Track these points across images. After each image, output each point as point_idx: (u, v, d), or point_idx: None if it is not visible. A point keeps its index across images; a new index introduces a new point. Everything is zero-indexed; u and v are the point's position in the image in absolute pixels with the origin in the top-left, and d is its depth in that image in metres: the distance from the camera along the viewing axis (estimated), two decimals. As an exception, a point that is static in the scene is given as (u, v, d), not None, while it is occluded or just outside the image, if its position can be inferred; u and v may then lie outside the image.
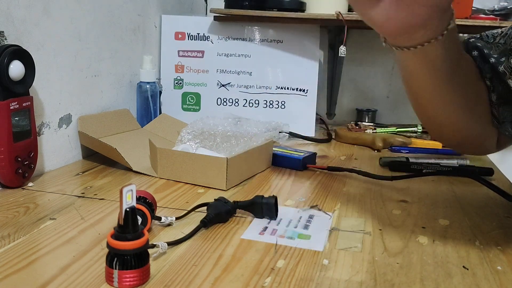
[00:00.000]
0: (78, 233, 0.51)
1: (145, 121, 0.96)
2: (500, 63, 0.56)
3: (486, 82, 0.59)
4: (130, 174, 0.73)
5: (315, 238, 0.52)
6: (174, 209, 0.59)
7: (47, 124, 0.73)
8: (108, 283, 0.40)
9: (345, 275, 0.43)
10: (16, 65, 0.60)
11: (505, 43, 0.57)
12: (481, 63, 0.59)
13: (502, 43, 0.57)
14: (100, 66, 0.86)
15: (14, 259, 0.44)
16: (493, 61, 0.57)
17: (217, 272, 0.43)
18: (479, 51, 0.59)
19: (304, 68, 1.08)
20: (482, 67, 0.58)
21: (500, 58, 0.57)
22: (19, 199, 0.60)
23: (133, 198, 0.40)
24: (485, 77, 0.58)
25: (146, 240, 0.40)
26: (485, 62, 0.58)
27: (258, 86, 1.09)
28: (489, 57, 0.57)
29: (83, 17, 0.79)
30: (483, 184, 0.72)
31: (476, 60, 0.59)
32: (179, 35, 1.09)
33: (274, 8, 1.03)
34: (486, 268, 0.46)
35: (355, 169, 0.77)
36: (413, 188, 0.71)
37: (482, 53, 0.58)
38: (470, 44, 0.60)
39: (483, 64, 0.58)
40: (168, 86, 1.10)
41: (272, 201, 0.56)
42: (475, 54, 0.59)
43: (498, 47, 0.57)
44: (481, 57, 0.59)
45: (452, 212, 0.62)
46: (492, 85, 0.58)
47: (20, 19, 0.65)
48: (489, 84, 0.58)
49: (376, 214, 0.60)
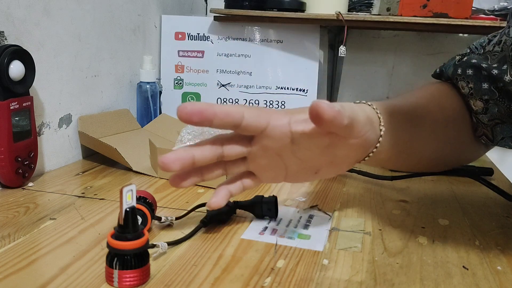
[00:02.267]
0: (78, 233, 0.51)
1: (145, 121, 0.96)
2: (504, 72, 0.54)
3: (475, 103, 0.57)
4: (130, 174, 0.73)
5: (315, 238, 0.52)
6: (174, 209, 0.59)
7: (47, 124, 0.73)
8: (108, 283, 0.40)
9: (345, 275, 0.44)
10: (16, 65, 0.60)
11: (502, 50, 0.55)
12: (476, 84, 0.57)
13: (498, 50, 0.56)
14: (100, 66, 0.86)
15: (14, 259, 0.44)
16: (496, 73, 0.54)
17: (217, 272, 0.43)
18: (475, 68, 0.57)
19: (304, 68, 1.08)
20: (477, 88, 0.56)
21: (501, 67, 0.55)
22: (19, 199, 0.60)
23: (133, 198, 0.40)
24: (480, 98, 0.56)
25: (146, 240, 0.40)
26: (481, 82, 0.56)
27: (258, 86, 1.09)
28: (490, 70, 0.55)
29: (83, 17, 0.80)
30: (483, 184, 0.72)
31: (469, 82, 0.57)
32: (179, 35, 1.09)
33: (274, 8, 1.03)
34: (486, 268, 0.46)
35: (355, 169, 0.77)
36: (413, 188, 0.71)
37: (479, 70, 0.56)
38: (464, 63, 0.58)
39: (478, 85, 0.56)
40: (168, 86, 1.10)
41: (272, 201, 0.56)
42: (469, 73, 0.57)
43: (496, 56, 0.56)
44: (476, 76, 0.57)
45: (452, 212, 0.62)
46: (485, 107, 0.57)
47: (20, 19, 0.65)
48: (483, 106, 0.57)
49: (376, 214, 0.60)
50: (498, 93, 0.55)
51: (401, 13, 0.96)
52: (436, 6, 0.94)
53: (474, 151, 0.63)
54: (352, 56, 1.26)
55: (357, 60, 1.29)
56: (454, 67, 0.59)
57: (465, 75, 0.58)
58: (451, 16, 0.94)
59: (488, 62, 0.56)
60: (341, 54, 1.02)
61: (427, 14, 0.95)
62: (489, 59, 0.56)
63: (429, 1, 0.94)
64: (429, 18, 0.94)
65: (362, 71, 1.30)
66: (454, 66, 0.60)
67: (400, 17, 0.96)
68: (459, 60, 0.60)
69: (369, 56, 1.29)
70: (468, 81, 0.58)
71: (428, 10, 0.95)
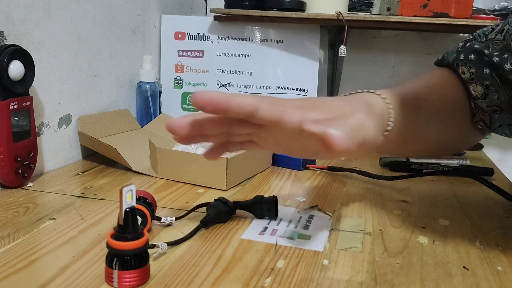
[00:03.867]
0: (78, 233, 0.50)
1: (145, 121, 0.96)
2: (504, 61, 0.55)
3: (475, 88, 0.58)
4: (130, 174, 0.73)
5: (315, 238, 0.51)
6: (174, 209, 0.59)
7: (47, 124, 0.73)
8: (108, 283, 0.40)
9: (345, 276, 0.43)
10: (16, 65, 0.60)
11: (505, 39, 0.55)
12: (478, 69, 0.57)
13: (500, 39, 0.56)
14: (100, 66, 0.86)
15: (14, 259, 0.44)
16: (497, 61, 0.55)
17: (217, 272, 0.43)
18: (477, 53, 0.58)
19: (304, 68, 1.08)
20: (478, 73, 0.57)
21: (502, 55, 0.55)
22: (19, 199, 0.60)
23: (133, 198, 0.40)
24: (481, 83, 0.57)
25: (146, 240, 0.40)
26: (483, 67, 0.57)
27: (258, 86, 1.09)
28: (492, 57, 0.56)
29: (83, 17, 0.79)
30: (483, 184, 0.72)
31: (471, 67, 0.58)
32: (179, 35, 1.09)
33: (274, 8, 1.03)
34: (486, 269, 0.46)
35: (355, 169, 0.77)
36: (413, 188, 0.71)
37: (481, 56, 0.57)
38: (467, 49, 0.59)
39: (480, 70, 0.57)
40: (168, 86, 1.10)
41: (272, 201, 0.56)
42: (472, 58, 0.58)
43: (497, 44, 0.56)
44: (478, 62, 0.57)
45: (452, 212, 0.62)
46: (485, 92, 0.57)
47: (20, 19, 0.65)
48: (482, 91, 0.57)
49: (376, 214, 0.60)
50: (500, 80, 0.56)
51: (402, 13, 0.96)
52: (437, 6, 0.94)
53: (472, 136, 0.64)
54: (352, 56, 1.26)
55: (357, 60, 1.29)
56: (457, 53, 0.60)
57: (467, 60, 0.58)
58: (451, 16, 0.94)
59: (489, 50, 0.57)
60: (341, 54, 1.02)
61: (428, 14, 0.95)
62: (491, 47, 0.57)
63: (429, 1, 0.94)
64: (429, 18, 0.94)
65: (363, 71, 1.30)
66: (457, 52, 0.60)
67: (401, 17, 0.96)
68: (462, 46, 0.60)
69: (370, 56, 1.29)
70: (470, 66, 0.58)
71: (428, 10, 0.95)
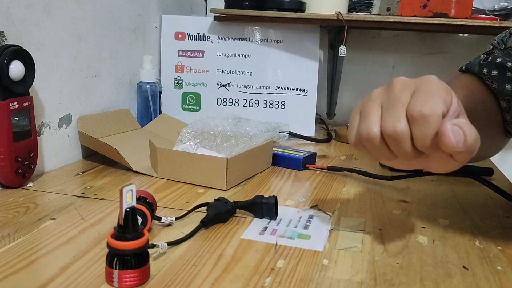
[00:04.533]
0: (78, 233, 0.51)
1: (145, 121, 0.96)
2: None
3: (501, 103, 0.58)
4: (130, 174, 0.73)
5: (315, 238, 0.52)
6: (174, 209, 0.59)
7: (47, 124, 0.73)
8: (108, 283, 0.40)
9: (345, 275, 0.43)
10: (16, 65, 0.60)
11: None
12: (500, 85, 0.57)
13: None
14: (100, 66, 0.86)
15: (14, 259, 0.44)
16: None
17: (217, 272, 0.43)
18: (500, 68, 0.57)
19: (304, 68, 1.08)
20: (500, 89, 0.57)
21: None
22: (19, 199, 0.60)
23: (133, 198, 0.40)
24: (503, 99, 0.58)
25: (146, 240, 0.40)
26: (504, 84, 0.57)
27: (258, 86, 1.09)
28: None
29: (83, 17, 0.79)
30: (483, 184, 0.72)
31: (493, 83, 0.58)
32: (179, 35, 1.09)
33: (274, 8, 1.03)
34: (486, 268, 0.46)
35: (355, 169, 0.77)
36: (413, 188, 0.71)
37: (504, 71, 0.57)
38: (490, 64, 0.58)
39: (502, 86, 0.57)
40: (168, 86, 1.10)
41: (272, 201, 0.56)
42: (494, 74, 0.58)
43: None
44: (500, 77, 0.57)
45: (452, 212, 0.62)
46: (508, 106, 0.58)
47: (20, 19, 0.65)
48: (505, 106, 0.58)
49: (376, 214, 0.60)
50: None
51: (401, 13, 0.96)
52: (436, 6, 0.94)
53: (502, 143, 0.64)
54: (352, 56, 1.26)
55: (357, 60, 1.29)
56: (479, 66, 0.60)
57: (490, 75, 0.58)
58: (451, 16, 0.94)
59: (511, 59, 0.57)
60: (341, 54, 1.02)
61: (427, 14, 0.95)
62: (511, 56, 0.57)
63: (429, 1, 0.94)
64: (429, 18, 0.94)
65: (362, 71, 1.30)
66: (479, 65, 0.60)
67: (400, 17, 0.96)
68: (484, 59, 0.60)
69: (369, 56, 1.29)
70: (492, 82, 0.58)
71: (428, 10, 0.95)
